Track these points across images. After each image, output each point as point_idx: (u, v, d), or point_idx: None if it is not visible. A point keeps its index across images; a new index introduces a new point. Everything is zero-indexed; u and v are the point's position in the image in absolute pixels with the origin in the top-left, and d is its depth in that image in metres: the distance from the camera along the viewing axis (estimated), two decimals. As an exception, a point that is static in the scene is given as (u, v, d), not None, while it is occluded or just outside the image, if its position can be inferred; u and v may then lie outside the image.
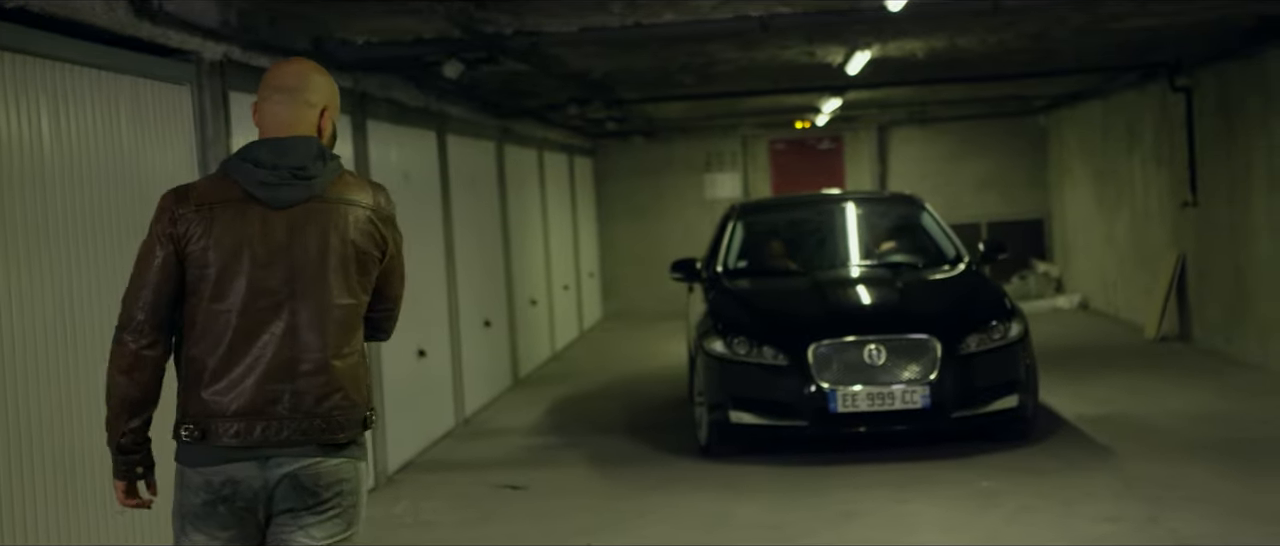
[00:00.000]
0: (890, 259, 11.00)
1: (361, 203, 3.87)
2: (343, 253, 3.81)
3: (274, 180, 3.77)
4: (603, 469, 9.73)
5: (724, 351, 9.63)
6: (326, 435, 3.81)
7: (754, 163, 21.98)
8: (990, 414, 9.43)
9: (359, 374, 3.87)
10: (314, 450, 3.80)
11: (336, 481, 3.84)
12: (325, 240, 3.79)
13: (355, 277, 3.84)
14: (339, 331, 3.80)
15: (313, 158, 3.81)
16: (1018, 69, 13.88)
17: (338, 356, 3.80)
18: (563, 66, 11.23)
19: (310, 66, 3.96)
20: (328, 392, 3.79)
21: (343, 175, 3.89)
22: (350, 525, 3.89)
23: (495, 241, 13.98)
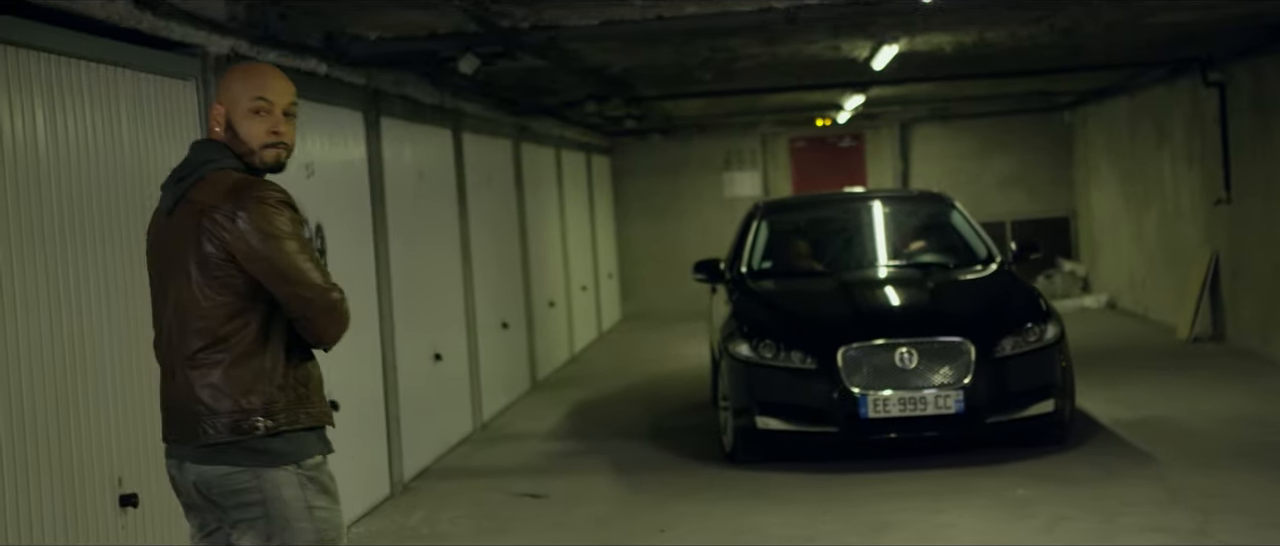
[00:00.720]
0: (920, 259, 10.69)
1: (207, 203, 3.86)
2: (192, 257, 3.86)
3: (166, 186, 4.01)
4: (625, 476, 9.44)
5: (750, 355, 9.33)
6: (192, 437, 3.87)
7: (774, 161, 21.68)
8: (1025, 419, 9.12)
9: (231, 378, 3.83)
10: (200, 454, 3.87)
11: (229, 491, 3.86)
12: (183, 244, 3.88)
13: (207, 281, 3.84)
14: (196, 338, 3.85)
15: (196, 161, 3.94)
16: (1045, 65, 13.56)
17: (194, 362, 3.85)
18: (581, 62, 10.94)
19: (230, 69, 4.14)
20: (186, 397, 3.87)
21: (210, 176, 3.90)
22: (270, 538, 3.86)
23: (512, 241, 13.70)
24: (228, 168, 3.93)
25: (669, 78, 13.01)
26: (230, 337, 3.84)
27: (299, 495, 3.87)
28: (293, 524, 3.85)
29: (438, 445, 10.35)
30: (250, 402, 3.83)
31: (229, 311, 3.84)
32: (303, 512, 3.86)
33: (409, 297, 9.67)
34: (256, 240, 3.80)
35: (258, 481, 3.84)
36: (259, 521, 3.85)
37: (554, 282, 15.78)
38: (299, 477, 3.88)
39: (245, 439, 3.83)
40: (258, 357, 3.87)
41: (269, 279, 3.83)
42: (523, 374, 13.74)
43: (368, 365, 8.85)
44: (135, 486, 5.63)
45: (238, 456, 3.84)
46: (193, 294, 3.86)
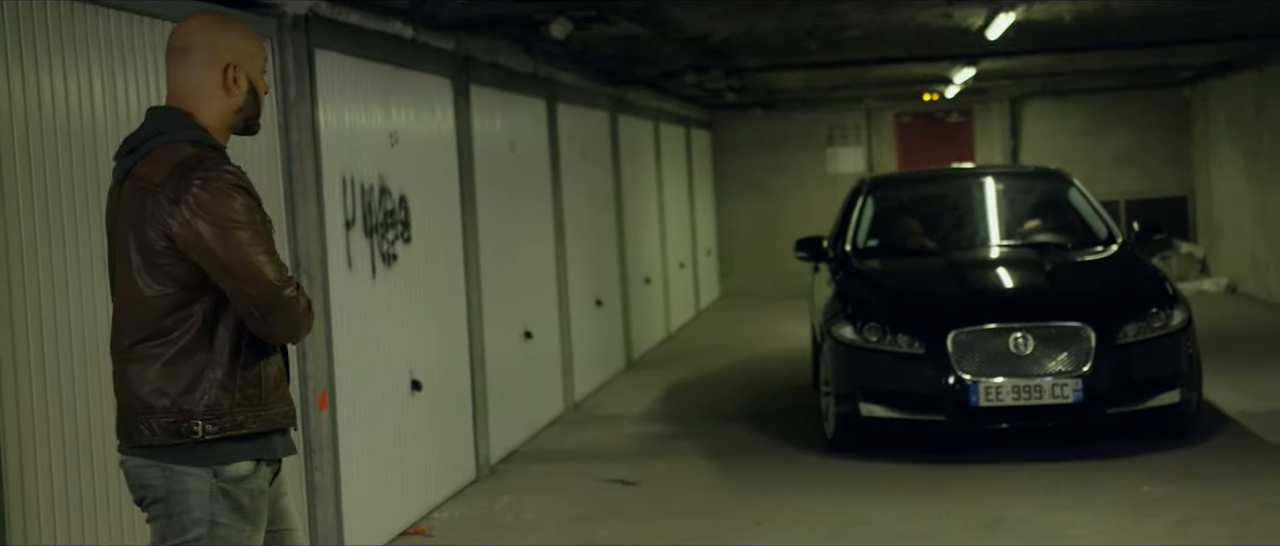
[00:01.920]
0: (1036, 239, 10.11)
1: (151, 181, 3.42)
2: (134, 240, 3.45)
3: (117, 160, 3.56)
4: (721, 463, 9.01)
5: (854, 338, 8.85)
6: (130, 435, 3.49)
7: (878, 136, 21.09)
8: (1149, 410, 8.55)
9: (169, 374, 3.44)
10: (126, 447, 3.53)
11: (138, 483, 3.52)
12: (126, 226, 3.48)
13: (148, 267, 3.44)
14: (133, 330, 3.47)
15: (148, 132, 3.49)
16: (1170, 35, 12.88)
17: (129, 355, 3.48)
18: (681, 30, 10.48)
19: (208, 20, 3.59)
20: (121, 389, 3.51)
21: (158, 151, 3.45)
22: (164, 538, 3.48)
23: (608, 217, 13.30)
24: (182, 140, 3.46)
25: (773, 48, 12.51)
26: (171, 331, 3.44)
27: (205, 504, 3.46)
28: (187, 532, 3.46)
29: (527, 426, 9.99)
30: (191, 403, 3.44)
31: (170, 303, 3.44)
32: (202, 523, 3.45)
33: (498, 273, 9.30)
34: (199, 227, 3.37)
35: (165, 479, 3.46)
36: (160, 520, 3.49)
37: (650, 259, 15.37)
38: (212, 487, 3.46)
39: (183, 442, 3.43)
40: (201, 353, 3.45)
41: (211, 270, 3.41)
42: (617, 353, 13.35)
43: (454, 343, 8.50)
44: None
45: (165, 452, 3.45)
46: (133, 281, 3.46)
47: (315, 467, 6.44)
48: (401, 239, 7.63)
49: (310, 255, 6.44)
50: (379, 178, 7.35)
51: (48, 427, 4.50)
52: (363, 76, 7.29)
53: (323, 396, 6.48)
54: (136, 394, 3.46)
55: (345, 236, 6.93)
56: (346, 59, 7.02)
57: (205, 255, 3.38)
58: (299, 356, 6.36)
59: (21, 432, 4.37)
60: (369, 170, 7.24)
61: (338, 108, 6.90)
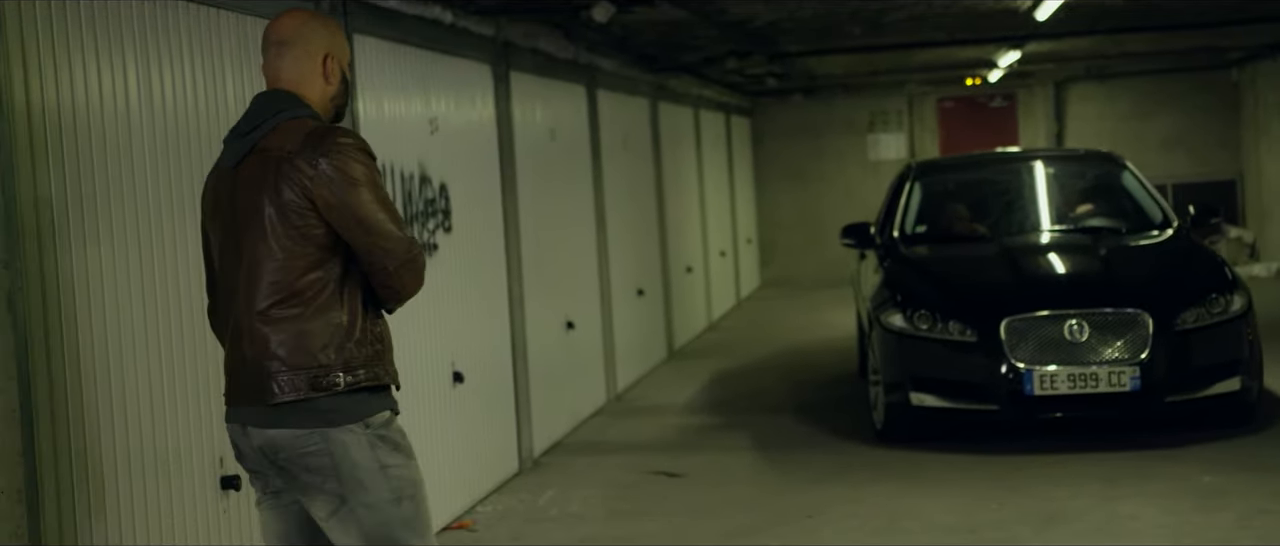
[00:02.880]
0: (1089, 223, 9.87)
1: (286, 150, 3.65)
2: (268, 207, 3.64)
3: (229, 140, 3.80)
4: (767, 454, 8.83)
5: (904, 326, 8.65)
6: (262, 396, 3.63)
7: (921, 122, 20.84)
8: (1209, 398, 8.33)
9: (309, 333, 3.62)
10: (268, 415, 3.64)
11: (297, 455, 3.65)
12: (257, 195, 3.66)
13: (286, 231, 3.63)
14: (271, 291, 3.64)
15: (266, 113, 3.73)
16: (1221, 15, 12.60)
17: (265, 318, 3.63)
18: (723, 14, 10.29)
19: (305, 16, 3.88)
20: (257, 354, 3.65)
21: (284, 125, 3.70)
22: (344, 501, 3.65)
23: (649, 205, 13.14)
24: (303, 116, 3.73)
25: (815, 32, 12.30)
26: (306, 291, 3.64)
27: (370, 455, 3.66)
28: (366, 485, 3.65)
29: (569, 418, 9.84)
30: (328, 357, 3.63)
31: (307, 263, 3.64)
32: (375, 473, 3.66)
33: (539, 263, 9.15)
34: (338, 187, 3.61)
35: (326, 444, 3.63)
36: (330, 484, 3.65)
37: (692, 248, 15.19)
38: (368, 437, 3.67)
39: (320, 396, 3.61)
40: (335, 312, 3.65)
41: (348, 228, 3.63)
42: (659, 342, 13.19)
43: (495, 334, 8.35)
44: (237, 467, 5.16)
45: (304, 418, 3.63)
46: (269, 246, 3.64)
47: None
48: (442, 228, 7.48)
49: (350, 245, 6.28)
50: (419, 166, 7.20)
51: (83, 425, 4.37)
52: (402, 62, 7.15)
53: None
54: (275, 353, 3.61)
55: (384, 226, 6.77)
56: (384, 44, 6.87)
57: (344, 213, 3.60)
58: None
59: (56, 430, 4.24)
60: (409, 158, 7.09)
61: (377, 94, 6.76)
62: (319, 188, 3.60)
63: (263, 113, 3.74)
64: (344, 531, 3.67)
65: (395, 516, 3.68)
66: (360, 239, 3.63)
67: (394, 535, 3.68)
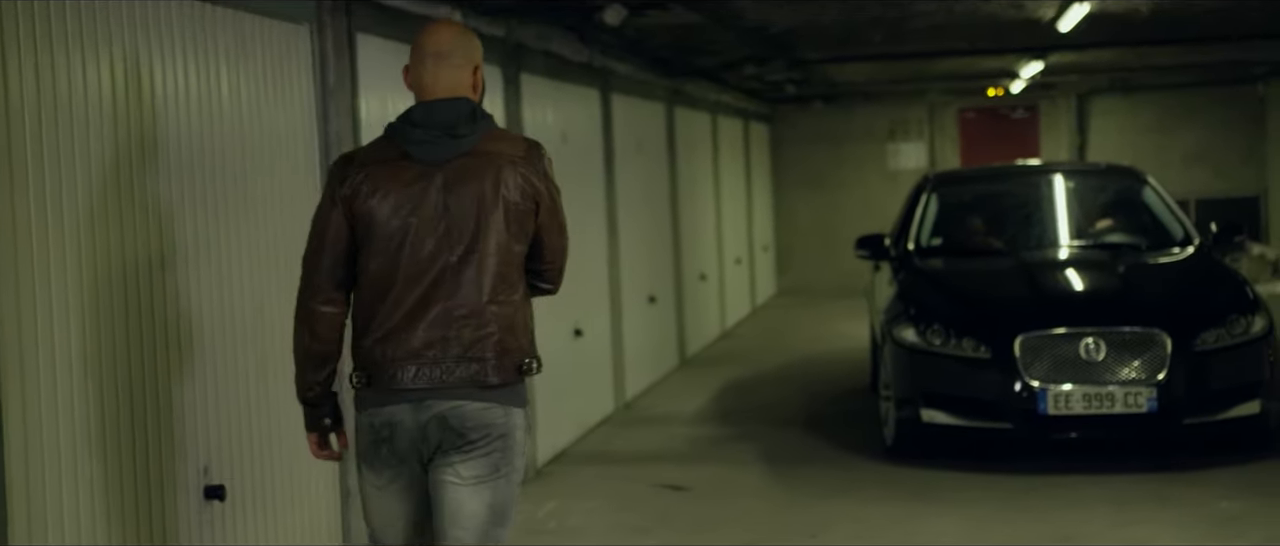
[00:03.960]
0: (1108, 239, 9.68)
1: (512, 155, 4.03)
2: (494, 204, 3.97)
3: (428, 139, 4.00)
4: (775, 468, 8.67)
5: (916, 341, 8.48)
6: (478, 378, 3.96)
7: (941, 132, 20.64)
8: (1227, 421, 8.14)
9: (517, 321, 4.02)
10: (464, 392, 3.96)
11: (483, 424, 3.98)
12: (478, 193, 3.97)
13: (508, 228, 3.99)
14: (494, 280, 3.97)
15: (465, 117, 4.03)
16: (1249, 28, 12.39)
17: (494, 302, 3.97)
18: (740, 18, 10.13)
19: (459, 29, 4.24)
20: (481, 337, 3.96)
21: (494, 131, 4.08)
22: (497, 469, 4.00)
23: (663, 211, 12.98)
24: (495, 125, 4.12)
25: (835, 38, 12.13)
26: (519, 284, 4.05)
27: (524, 435, 4.10)
28: (514, 459, 4.06)
29: (576, 427, 9.69)
30: (527, 344, 4.06)
31: (520, 261, 4.06)
32: (521, 453, 4.10)
33: (548, 268, 8.98)
34: (554, 193, 4.09)
35: (507, 418, 4.01)
36: (496, 453, 3.99)
37: (706, 255, 15.03)
38: (526, 420, 4.11)
39: (520, 379, 4.03)
40: (527, 304, 4.12)
41: (553, 231, 4.11)
42: (670, 350, 13.03)
43: (500, 340, 8.18)
44: (223, 477, 5.03)
45: (506, 393, 3.99)
46: (497, 241, 3.98)
47: (349, 471, 6.15)
48: (447, 233, 7.33)
49: (348, 248, 6.14)
50: (423, 168, 7.04)
51: (57, 424, 4.22)
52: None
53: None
54: (501, 340, 3.97)
55: (386, 229, 6.64)
56: (390, 44, 6.72)
57: (554, 216, 4.11)
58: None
59: (28, 428, 4.09)
60: (412, 160, 6.93)
61: (381, 95, 6.61)
62: (544, 193, 4.05)
63: (464, 119, 4.03)
64: (478, 495, 3.98)
65: (513, 495, 4.08)
66: (556, 240, 4.14)
67: (508, 509, 4.07)
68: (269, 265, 5.53)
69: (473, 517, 3.98)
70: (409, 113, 4.09)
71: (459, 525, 3.98)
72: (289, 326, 4.12)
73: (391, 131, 4.10)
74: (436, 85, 4.07)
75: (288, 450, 5.53)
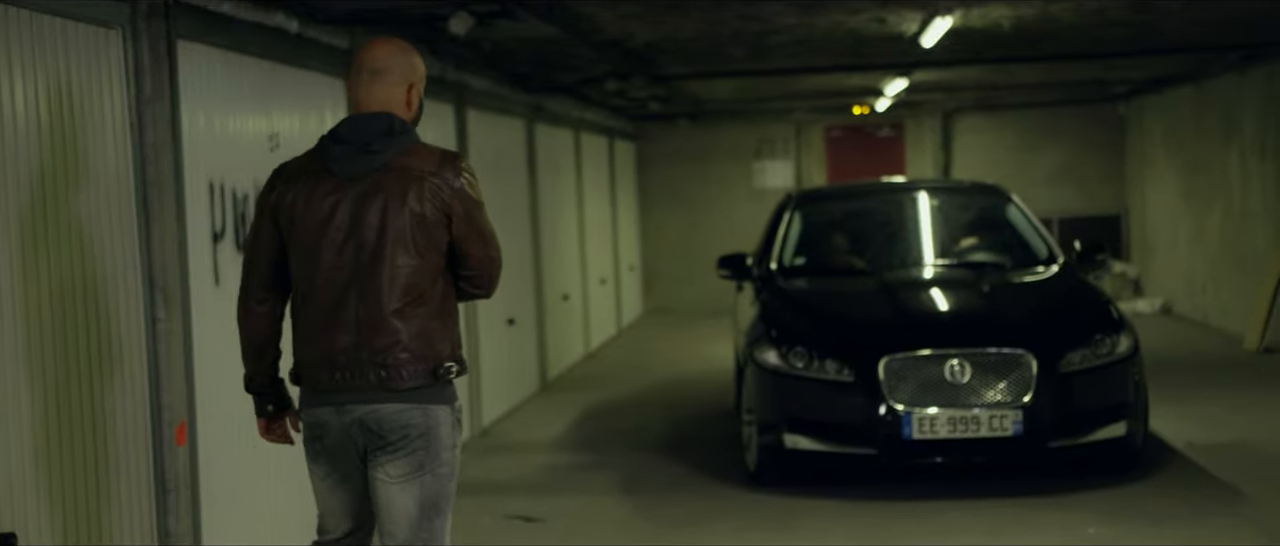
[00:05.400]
0: (972, 258, 9.53)
1: (423, 169, 4.18)
2: (402, 217, 4.15)
3: (345, 154, 4.21)
4: (635, 498, 8.34)
5: (778, 364, 8.21)
6: (388, 383, 4.19)
7: (808, 150, 20.53)
8: (1093, 444, 7.97)
9: (430, 329, 4.21)
10: (377, 396, 4.20)
11: (400, 425, 4.21)
12: (386, 207, 4.15)
13: (417, 241, 4.16)
14: (402, 291, 4.17)
15: (380, 133, 4.21)
16: (1109, 47, 12.36)
17: (400, 313, 4.17)
18: (596, 31, 9.80)
19: (398, 46, 4.38)
20: (390, 344, 4.18)
21: (412, 146, 4.23)
22: (422, 466, 4.22)
23: (523, 230, 12.61)
24: (417, 139, 4.27)
25: (697, 54, 11.87)
26: (432, 294, 4.21)
27: (450, 432, 4.29)
28: (440, 454, 4.25)
29: (428, 455, 9.26)
30: (444, 350, 4.24)
31: (434, 270, 4.21)
32: (449, 448, 4.28)
33: (396, 290, 8.57)
34: (469, 205, 4.21)
35: (425, 417, 4.22)
36: (419, 452, 4.20)
37: (569, 275, 14.68)
38: (453, 417, 4.30)
39: (437, 383, 4.22)
40: (449, 312, 4.28)
41: (472, 240, 4.23)
42: (531, 374, 12.66)
43: (343, 367, 7.75)
44: (12, 525, 4.56)
45: (422, 394, 4.21)
46: (405, 253, 4.16)
47: (170, 509, 5.70)
48: (282, 253, 6.90)
49: (167, 270, 5.70)
50: (255, 185, 6.61)
51: None
52: (238, 73, 6.56)
53: (180, 430, 5.75)
54: (407, 346, 4.18)
55: (212, 250, 6.21)
56: (216, 52, 6.29)
57: (471, 226, 4.22)
58: (152, 385, 5.63)
59: None
60: (242, 177, 6.51)
61: (206, 106, 6.17)
62: (456, 204, 4.18)
63: (382, 134, 4.20)
64: (406, 492, 4.21)
65: (447, 488, 4.29)
66: (478, 249, 4.26)
67: (440, 503, 4.27)
68: (74, 294, 5.07)
69: (403, 513, 4.22)
70: (337, 126, 4.29)
71: (392, 520, 4.24)
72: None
73: (319, 144, 4.30)
74: (368, 100, 4.27)
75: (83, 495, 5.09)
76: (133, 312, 5.49)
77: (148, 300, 5.60)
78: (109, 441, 5.26)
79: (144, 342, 5.56)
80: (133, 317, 5.49)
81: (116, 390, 5.34)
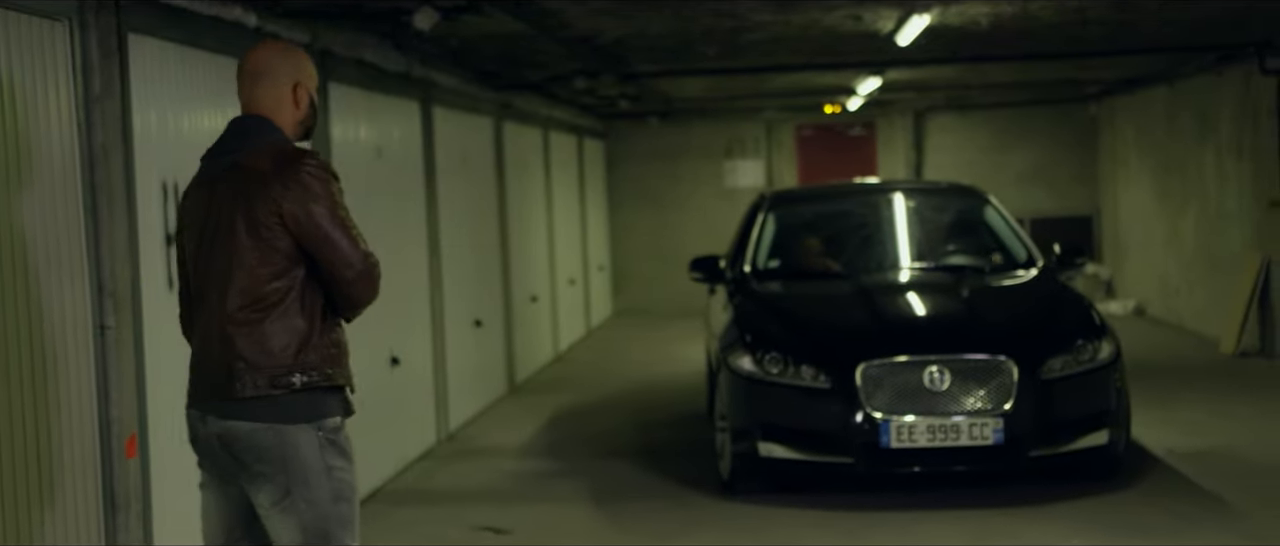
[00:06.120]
0: (951, 261, 9.33)
1: (258, 169, 3.99)
2: (237, 221, 3.98)
3: (208, 157, 4.18)
4: (604, 507, 8.11)
5: (753, 370, 7.99)
6: (226, 392, 3.98)
7: (779, 149, 20.34)
8: (1075, 453, 7.78)
9: (269, 337, 3.97)
10: (228, 408, 3.99)
11: (254, 448, 3.99)
12: (231, 208, 4.00)
13: (254, 245, 3.97)
14: (239, 297, 3.98)
15: (236, 133, 4.13)
16: (1085, 46, 12.20)
17: (234, 320, 3.98)
18: (565, 27, 9.57)
19: (278, 48, 4.28)
20: (227, 352, 3.99)
21: (263, 146, 4.05)
22: (288, 492, 3.98)
23: (491, 230, 12.36)
24: (274, 139, 4.10)
25: (667, 51, 11.65)
26: (270, 297, 3.99)
27: (318, 456, 4.00)
28: (310, 482, 3.98)
29: (393, 462, 9.03)
30: (287, 358, 3.97)
31: (271, 272, 3.98)
32: (321, 472, 3.99)
33: (359, 293, 8.31)
34: (304, 204, 3.96)
35: (278, 439, 3.96)
36: (279, 477, 3.97)
37: (538, 276, 14.44)
38: (318, 438, 4.00)
39: (279, 394, 3.96)
40: (295, 318, 4.00)
41: (313, 243, 3.98)
42: (499, 376, 12.41)
43: (304, 373, 7.50)
44: None
45: (262, 412, 3.95)
46: (239, 255, 3.98)
47: (121, 526, 5.45)
48: (239, 256, 6.65)
49: (117, 274, 5.45)
50: (211, 185, 6.34)
51: None
52: (192, 69, 6.31)
53: (131, 442, 5.50)
54: (241, 353, 3.96)
55: (165, 253, 5.95)
56: (170, 47, 6.04)
57: (311, 229, 3.96)
58: (100, 395, 5.37)
59: None
60: (197, 176, 6.24)
61: (159, 104, 5.93)
62: (287, 204, 3.94)
63: (238, 135, 4.11)
64: (283, 522, 3.99)
65: (332, 514, 4.00)
66: (321, 252, 3.98)
67: (329, 531, 4.00)
68: (15, 300, 4.81)
69: (291, 544, 4.00)
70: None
71: None
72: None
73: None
74: (250, 104, 4.17)
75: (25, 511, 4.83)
76: (79, 319, 5.24)
77: (96, 306, 5.34)
78: (53, 455, 5.01)
79: (91, 350, 5.31)
80: (79, 325, 5.24)
81: (61, 401, 5.09)
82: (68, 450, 5.12)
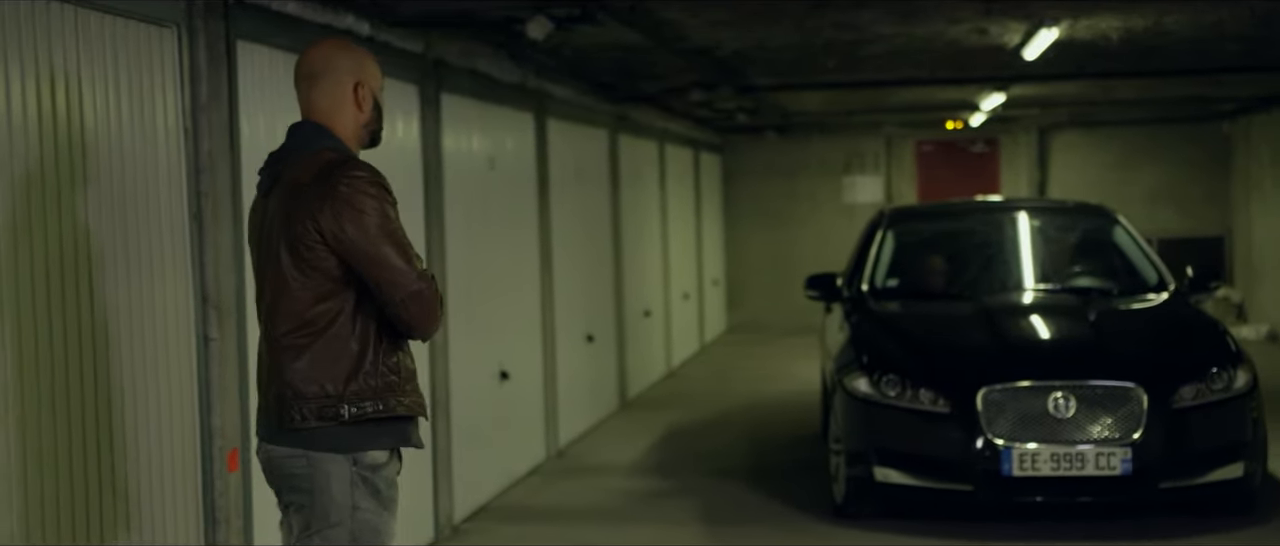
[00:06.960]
0: (1077, 283, 9.00)
1: (299, 183, 3.73)
2: (281, 239, 3.75)
3: (262, 171, 3.92)
4: (715, 529, 7.92)
5: (869, 392, 7.75)
6: (275, 418, 3.79)
7: (898, 165, 20.00)
8: (1208, 485, 7.44)
9: (315, 362, 3.73)
10: (275, 435, 3.80)
11: (286, 475, 3.80)
12: (276, 226, 3.78)
13: (296, 264, 3.73)
14: (287, 319, 3.76)
15: (293, 145, 3.87)
16: (1221, 61, 11.77)
17: (280, 346, 3.77)
18: (682, 38, 9.40)
19: (331, 46, 4.00)
20: (275, 378, 3.79)
21: (305, 158, 3.78)
22: (309, 525, 3.75)
23: (604, 244, 12.23)
24: (324, 147, 3.82)
25: (787, 64, 11.43)
26: (317, 321, 3.74)
27: (346, 492, 3.74)
28: (330, 518, 3.74)
29: (500, 478, 8.91)
30: (336, 388, 3.73)
31: (317, 294, 3.74)
32: (344, 510, 3.74)
33: (470, 306, 8.24)
34: (344, 219, 3.68)
35: (310, 468, 3.74)
36: (306, 509, 3.76)
37: (651, 290, 14.29)
38: (352, 473, 3.75)
39: (329, 425, 3.71)
40: (345, 342, 3.75)
41: (358, 261, 3.71)
42: (610, 392, 12.27)
43: (411, 386, 7.41)
44: None
45: (300, 439, 3.74)
46: (283, 276, 3.75)
47: (221, 541, 5.36)
48: (347, 267, 6.57)
49: (222, 286, 5.37)
50: (319, 195, 6.27)
51: None
52: (303, 77, 6.22)
53: (233, 455, 5.42)
54: (288, 381, 3.74)
55: (272, 264, 5.87)
56: (279, 55, 5.96)
57: (351, 247, 3.69)
58: (203, 407, 5.30)
59: None
60: (306, 186, 6.16)
61: (267, 112, 5.85)
62: (325, 220, 3.67)
63: (288, 145, 3.87)
64: None
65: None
66: (368, 271, 3.71)
67: None
68: (118, 311, 4.74)
69: None
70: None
71: None
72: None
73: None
74: (309, 110, 3.92)
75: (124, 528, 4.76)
76: (183, 329, 5.17)
77: (200, 317, 5.27)
78: (154, 468, 4.93)
79: (194, 362, 5.24)
80: (183, 335, 5.16)
81: (163, 412, 5.02)
82: (168, 462, 5.05)
